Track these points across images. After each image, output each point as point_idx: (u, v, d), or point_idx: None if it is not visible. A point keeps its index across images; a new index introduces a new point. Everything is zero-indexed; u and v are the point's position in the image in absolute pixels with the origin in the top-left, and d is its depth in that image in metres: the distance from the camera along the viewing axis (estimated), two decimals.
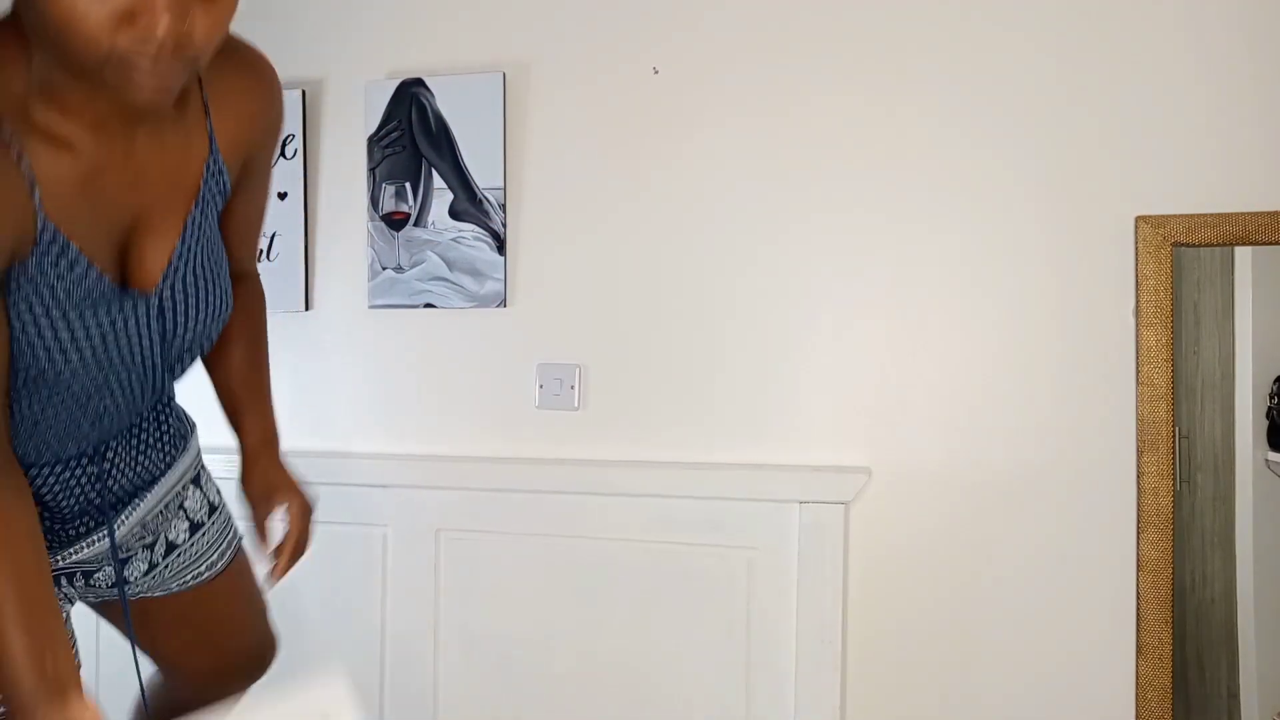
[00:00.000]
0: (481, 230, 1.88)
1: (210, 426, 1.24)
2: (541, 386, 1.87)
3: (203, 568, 1.20)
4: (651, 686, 1.77)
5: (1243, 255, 1.59)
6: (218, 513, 1.24)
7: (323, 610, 1.92)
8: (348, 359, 1.99)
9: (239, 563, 1.26)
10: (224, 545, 1.24)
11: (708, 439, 1.80)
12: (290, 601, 1.92)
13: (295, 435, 2.00)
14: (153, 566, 1.16)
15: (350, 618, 1.91)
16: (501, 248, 1.87)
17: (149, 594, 1.19)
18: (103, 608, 1.21)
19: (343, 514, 1.90)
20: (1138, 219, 1.60)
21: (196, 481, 1.22)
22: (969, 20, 1.69)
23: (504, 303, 1.89)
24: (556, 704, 1.82)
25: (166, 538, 1.17)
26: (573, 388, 1.86)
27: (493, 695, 1.85)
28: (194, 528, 1.19)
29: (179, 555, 1.18)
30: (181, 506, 1.18)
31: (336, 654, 1.91)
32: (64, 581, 1.09)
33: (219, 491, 1.26)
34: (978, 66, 1.68)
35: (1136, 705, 1.59)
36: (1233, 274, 1.59)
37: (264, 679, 1.32)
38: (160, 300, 0.97)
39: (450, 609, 1.87)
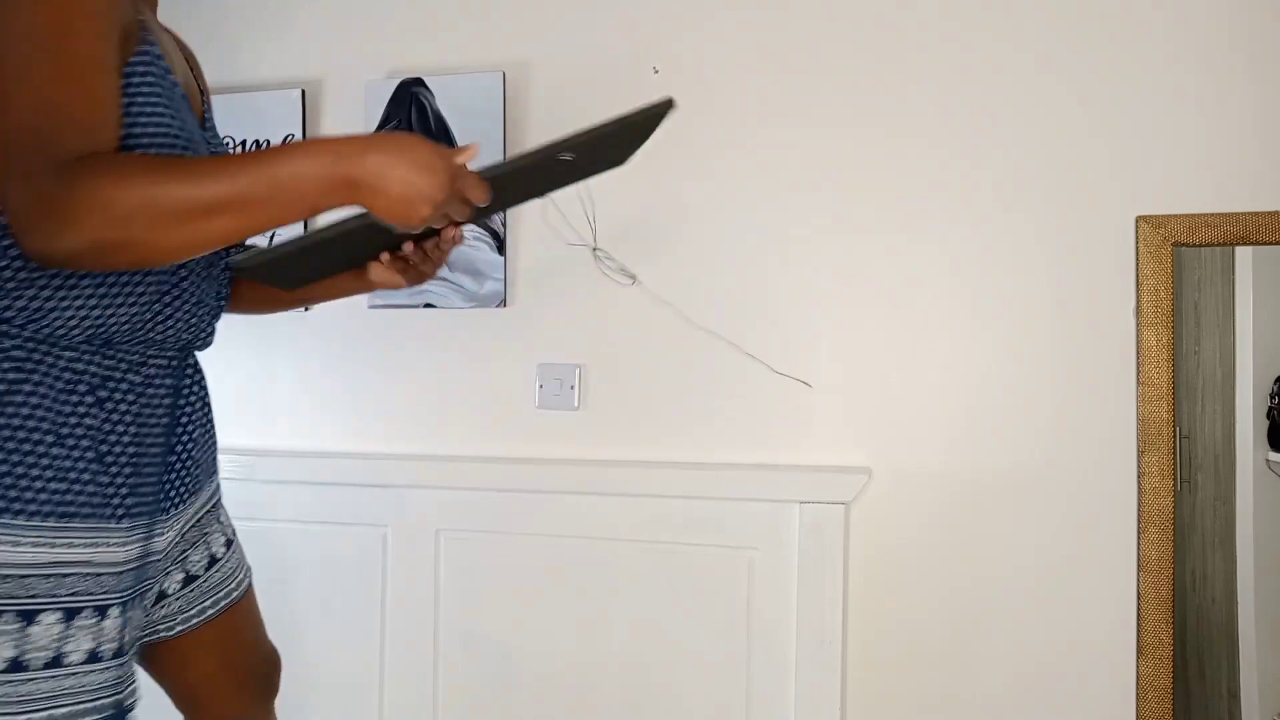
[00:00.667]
0: (481, 230, 1.88)
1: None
2: (541, 386, 1.87)
3: (232, 585, 1.22)
4: (651, 686, 1.77)
5: (1243, 255, 1.59)
6: (236, 539, 1.27)
7: (323, 610, 1.92)
8: (348, 359, 1.99)
9: (251, 588, 1.30)
10: (244, 569, 1.27)
11: (708, 439, 1.80)
12: (290, 602, 1.92)
13: (296, 436, 2.01)
14: (191, 579, 1.16)
15: (350, 618, 1.91)
16: (501, 248, 1.87)
17: (179, 619, 1.18)
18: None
19: (343, 514, 1.91)
20: (1138, 219, 1.60)
21: (219, 508, 1.24)
22: (970, 21, 1.69)
23: (504, 303, 1.89)
24: (557, 704, 1.82)
25: (210, 551, 1.19)
26: (573, 388, 1.86)
27: (493, 695, 1.85)
28: (227, 543, 1.23)
29: (217, 569, 1.19)
30: (218, 519, 1.22)
31: (336, 653, 1.92)
32: (134, 606, 1.06)
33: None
34: (979, 67, 1.68)
35: (1137, 705, 1.59)
36: (1233, 274, 1.59)
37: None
38: (209, 148, 1.08)
39: (450, 609, 1.87)
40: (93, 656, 0.95)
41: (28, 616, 0.91)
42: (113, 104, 0.87)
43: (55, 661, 0.92)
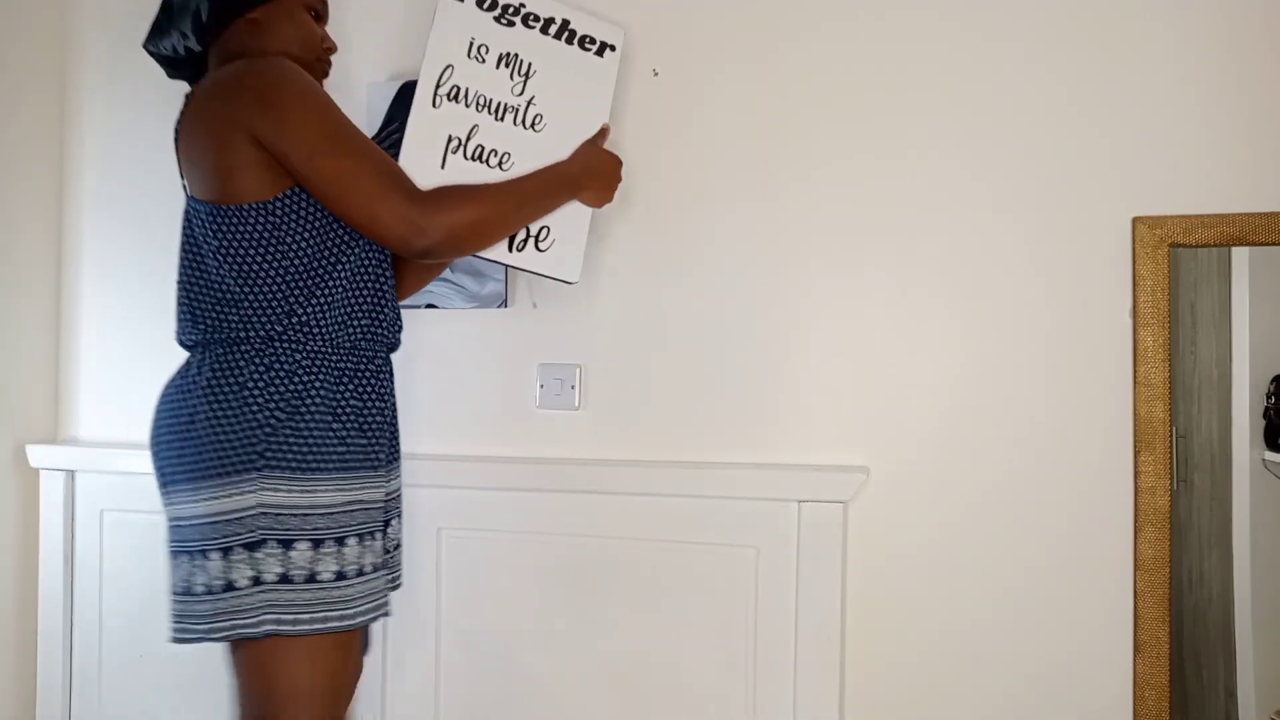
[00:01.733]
0: None
1: None
2: (542, 386, 1.88)
3: (399, 572, 1.56)
4: (651, 686, 1.78)
5: (1240, 256, 1.60)
6: (401, 545, 1.61)
7: None
8: None
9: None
10: (399, 571, 1.58)
11: (708, 438, 1.81)
12: None
13: None
14: (399, 544, 1.56)
15: None
16: None
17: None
18: None
19: None
20: (1135, 220, 1.61)
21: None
22: (967, 21, 1.70)
23: (504, 303, 1.89)
24: (557, 704, 1.82)
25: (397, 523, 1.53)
26: (573, 388, 1.86)
27: (493, 695, 1.85)
28: (395, 546, 1.54)
29: (399, 550, 1.54)
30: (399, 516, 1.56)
31: None
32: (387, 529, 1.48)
33: None
34: (975, 67, 1.69)
35: (1134, 704, 1.60)
36: (1230, 274, 1.60)
37: None
38: None
39: (450, 608, 1.87)
40: (375, 568, 1.37)
41: (340, 541, 1.31)
42: None
43: (360, 572, 1.33)
